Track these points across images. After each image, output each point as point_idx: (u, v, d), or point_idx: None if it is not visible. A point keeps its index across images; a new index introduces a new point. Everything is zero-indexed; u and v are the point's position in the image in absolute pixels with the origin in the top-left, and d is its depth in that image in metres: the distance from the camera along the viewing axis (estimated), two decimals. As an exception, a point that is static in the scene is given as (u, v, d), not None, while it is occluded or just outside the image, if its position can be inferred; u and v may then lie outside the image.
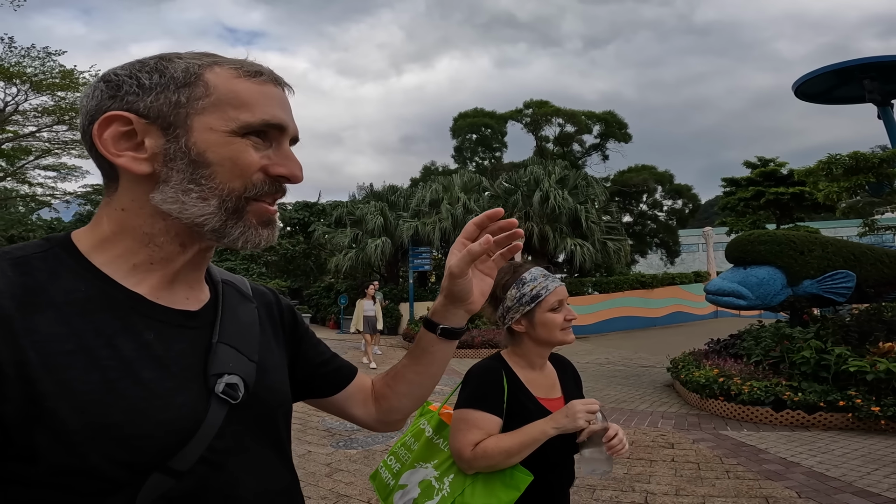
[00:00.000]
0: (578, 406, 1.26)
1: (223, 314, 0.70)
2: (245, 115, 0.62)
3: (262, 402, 0.69)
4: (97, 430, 0.53)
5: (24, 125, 11.29)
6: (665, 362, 8.33)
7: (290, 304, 0.88)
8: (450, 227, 16.99)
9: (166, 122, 0.61)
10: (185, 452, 0.58)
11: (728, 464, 4.30)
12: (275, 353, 0.77)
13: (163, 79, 0.61)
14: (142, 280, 0.63)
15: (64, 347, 0.53)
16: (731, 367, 6.43)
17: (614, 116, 24.97)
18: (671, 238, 26.35)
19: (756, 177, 23.96)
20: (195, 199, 0.61)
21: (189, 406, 0.60)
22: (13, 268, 0.56)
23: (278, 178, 0.65)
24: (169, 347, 0.61)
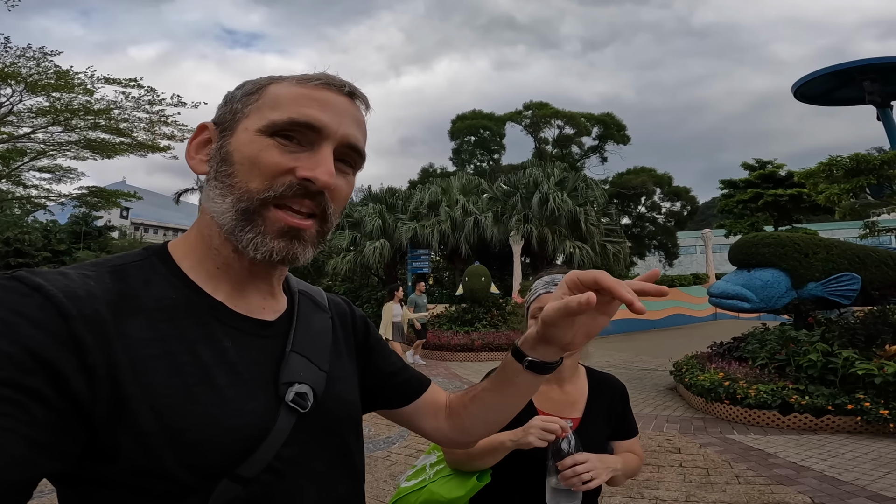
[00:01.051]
0: (536, 422, 1.16)
1: (297, 324, 0.70)
2: (274, 114, 0.63)
3: (330, 411, 0.69)
4: (173, 433, 0.54)
5: (18, 126, 11.19)
6: (667, 365, 8.27)
7: (362, 314, 0.88)
8: (448, 230, 16.91)
9: (224, 127, 0.65)
10: (253, 460, 0.58)
11: (737, 468, 4.23)
12: (346, 363, 0.77)
13: (240, 91, 0.67)
14: (217, 287, 0.65)
15: (150, 352, 0.55)
16: (735, 371, 6.36)
17: (613, 118, 24.97)
18: (670, 240, 26.34)
19: (754, 179, 23.98)
20: (217, 195, 0.63)
21: (259, 414, 0.60)
22: (111, 275, 0.59)
23: (304, 181, 0.62)
24: (243, 355, 0.62)
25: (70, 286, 0.54)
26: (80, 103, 10.85)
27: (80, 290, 0.54)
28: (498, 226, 17.14)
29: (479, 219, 17.12)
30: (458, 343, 11.39)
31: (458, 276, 17.22)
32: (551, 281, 1.36)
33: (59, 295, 0.52)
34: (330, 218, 0.66)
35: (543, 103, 24.03)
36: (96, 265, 0.60)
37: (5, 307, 0.50)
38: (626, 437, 1.41)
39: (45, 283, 0.53)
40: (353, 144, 0.66)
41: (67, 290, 0.53)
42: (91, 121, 11.10)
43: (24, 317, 0.50)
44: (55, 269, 0.58)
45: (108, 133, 11.59)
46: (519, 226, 16.59)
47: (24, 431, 0.47)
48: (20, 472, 0.47)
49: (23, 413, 0.47)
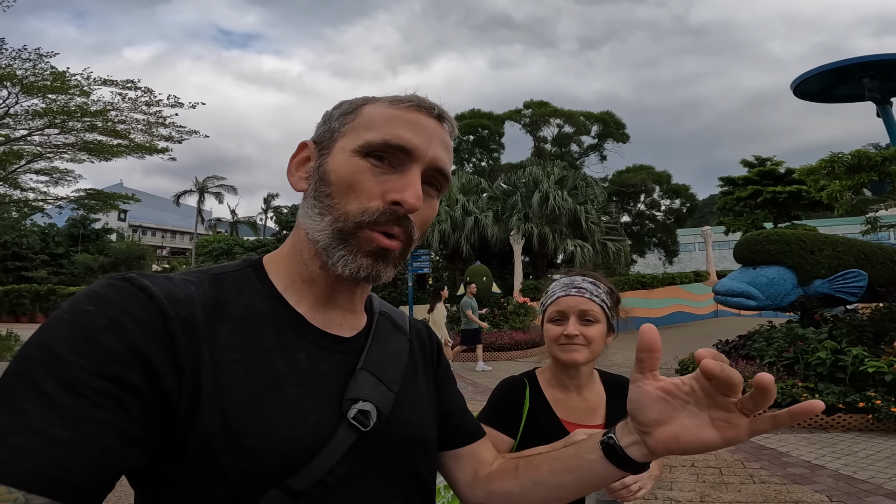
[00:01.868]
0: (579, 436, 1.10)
1: (371, 342, 0.71)
2: (369, 135, 0.64)
3: (395, 433, 0.67)
4: (235, 436, 0.55)
5: (15, 129, 11.05)
6: (672, 363, 8.22)
7: (439, 341, 0.87)
8: (448, 229, 16.88)
9: (323, 146, 0.67)
10: (306, 472, 0.58)
11: (751, 468, 4.19)
12: (421, 387, 0.76)
13: (338, 111, 0.69)
14: (301, 299, 0.66)
15: (232, 356, 0.57)
16: (742, 369, 6.32)
17: (612, 117, 24.96)
18: (669, 238, 26.35)
19: (754, 176, 24.03)
20: (316, 214, 0.65)
21: (319, 427, 0.60)
22: (210, 282, 0.62)
23: (393, 204, 0.63)
24: (315, 368, 0.63)
25: (173, 289, 0.57)
26: (77, 105, 10.73)
27: (181, 294, 0.58)
28: (498, 225, 17.12)
29: (480, 218, 17.09)
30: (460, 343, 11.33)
31: (458, 276, 17.16)
32: (570, 283, 1.31)
33: (162, 297, 0.55)
34: (414, 241, 0.67)
35: (543, 102, 23.99)
36: (200, 273, 0.64)
37: (114, 305, 0.53)
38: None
39: (150, 286, 0.56)
40: (440, 168, 0.67)
41: (170, 293, 0.57)
42: (88, 123, 10.98)
43: (129, 315, 0.53)
44: (163, 273, 0.62)
45: (105, 135, 11.47)
46: (519, 225, 16.57)
47: (119, 424, 0.49)
48: (110, 463, 0.49)
49: (119, 407, 0.49)
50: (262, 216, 33.71)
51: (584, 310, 1.26)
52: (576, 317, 1.26)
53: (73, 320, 0.51)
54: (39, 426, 0.46)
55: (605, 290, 1.31)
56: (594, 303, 1.27)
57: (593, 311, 1.26)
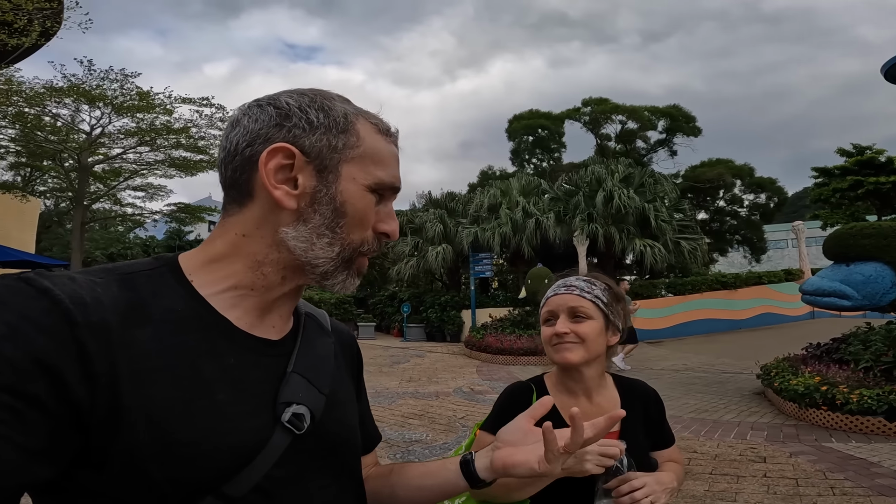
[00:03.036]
0: (591, 447, 1.04)
1: (301, 345, 0.70)
2: (381, 174, 0.66)
3: (328, 434, 0.68)
4: (164, 445, 0.53)
5: (111, 147, 12.42)
6: (753, 368, 7.56)
7: (359, 347, 0.90)
8: (509, 232, 16.65)
9: (322, 165, 0.63)
10: (241, 478, 0.57)
11: (833, 479, 3.73)
12: (347, 388, 0.78)
13: (327, 119, 0.64)
14: (235, 305, 0.64)
15: (152, 364, 0.55)
16: (834, 374, 5.68)
17: (680, 110, 23.47)
18: (755, 234, 24.23)
19: (851, 166, 21.66)
20: (325, 244, 0.64)
21: (253, 432, 0.59)
22: (119, 283, 0.58)
23: (381, 234, 0.68)
24: (246, 373, 0.62)
25: (78, 292, 0.53)
26: (162, 123, 11.88)
27: (88, 297, 0.54)
28: (561, 226, 16.64)
29: (541, 220, 16.71)
30: (521, 347, 11.14)
31: (521, 279, 16.89)
32: (562, 283, 1.25)
33: (67, 300, 0.52)
34: None
35: (602, 99, 23.05)
36: (105, 271, 0.60)
37: (12, 310, 0.49)
38: (665, 445, 1.30)
39: (52, 287, 0.52)
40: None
41: (75, 295, 0.53)
42: (174, 140, 12.13)
43: (29, 321, 0.49)
44: (64, 272, 0.57)
45: (188, 151, 12.60)
46: (583, 225, 15.99)
47: (19, 439, 0.47)
48: (11, 478, 0.47)
49: (19, 420, 0.47)
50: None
51: (573, 306, 1.20)
52: (566, 315, 1.20)
53: None
54: None
55: (602, 287, 1.24)
56: (584, 299, 1.21)
57: (583, 308, 1.20)
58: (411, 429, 5.68)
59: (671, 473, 1.17)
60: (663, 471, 1.19)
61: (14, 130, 11.56)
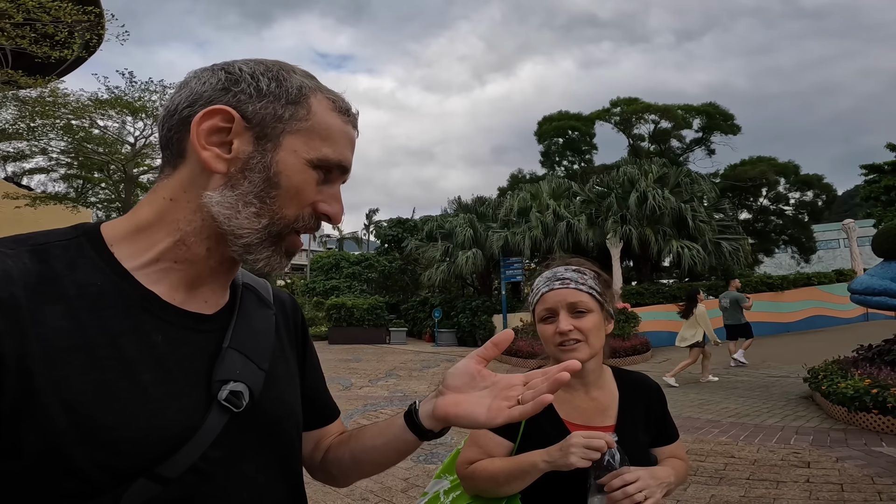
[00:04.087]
0: (576, 440, 0.99)
1: (237, 319, 0.67)
2: (327, 150, 0.63)
3: (267, 412, 0.66)
4: (86, 430, 0.50)
5: (154, 158, 13.03)
6: (800, 371, 7.15)
7: (304, 318, 0.85)
8: (540, 236, 16.45)
9: (262, 132, 0.60)
10: (176, 459, 0.55)
11: (881, 484, 3.46)
12: (288, 364, 0.75)
13: (278, 89, 0.61)
14: (161, 278, 0.61)
15: (67, 343, 0.51)
16: (886, 377, 5.31)
17: (717, 108, 22.62)
18: (803, 234, 23.02)
19: (904, 160, 20.34)
20: (251, 213, 0.60)
21: (186, 412, 0.57)
22: (31, 255, 0.54)
23: (322, 215, 0.65)
24: (175, 350, 0.59)
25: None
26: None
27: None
28: (593, 229, 16.31)
29: (573, 223, 16.44)
30: (553, 350, 10.93)
31: (553, 282, 16.59)
32: (553, 276, 1.21)
33: None
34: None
35: (633, 98, 22.46)
36: (17, 241, 0.56)
37: None
38: (667, 441, 1.25)
39: None
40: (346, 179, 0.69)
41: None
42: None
43: None
44: None
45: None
46: (616, 227, 15.62)
47: None
48: None
49: None
50: (364, 231, 35.75)
51: (573, 302, 1.16)
52: (565, 311, 1.16)
53: None
54: None
55: (592, 275, 1.21)
56: (582, 292, 1.17)
57: (583, 302, 1.16)
58: (437, 430, 5.63)
59: (668, 468, 1.12)
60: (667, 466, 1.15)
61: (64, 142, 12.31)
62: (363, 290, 21.69)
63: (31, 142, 11.97)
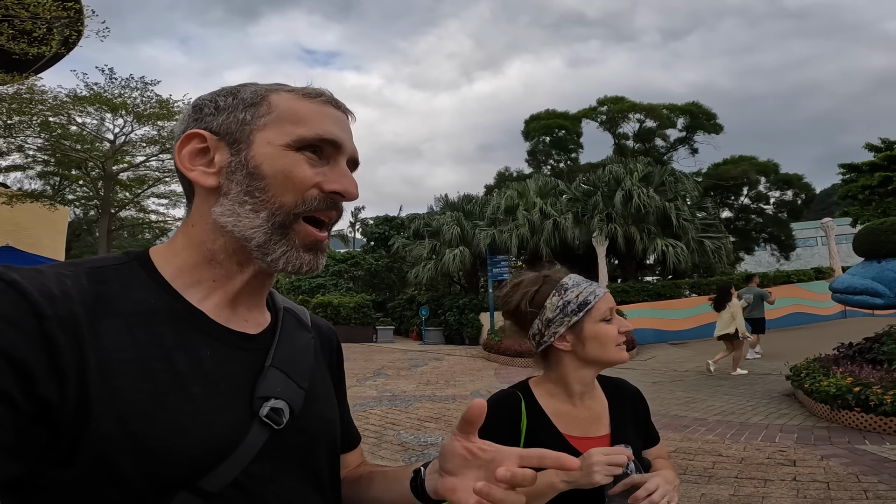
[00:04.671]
0: (597, 457, 0.98)
1: (279, 339, 0.70)
2: (301, 130, 0.64)
3: (306, 430, 0.68)
4: (136, 440, 0.52)
5: (134, 155, 12.74)
6: (782, 369, 7.30)
7: (340, 343, 0.88)
8: (527, 234, 16.52)
9: (233, 138, 0.64)
10: (218, 473, 0.56)
11: (867, 482, 3.54)
12: (326, 384, 0.77)
13: (235, 100, 0.66)
14: (205, 297, 0.64)
15: (122, 356, 0.54)
16: (867, 375, 5.44)
17: (700, 107, 22.95)
18: (783, 232, 23.50)
19: (881, 161, 20.95)
20: (248, 212, 0.63)
21: (231, 426, 0.59)
22: (88, 276, 0.58)
23: (332, 194, 0.65)
24: (222, 367, 0.61)
25: (46, 285, 0.53)
26: (181, 130, 12.16)
27: (56, 290, 0.54)
28: (579, 227, 16.43)
29: (559, 221, 16.54)
30: (540, 348, 10.99)
31: (539, 280, 16.68)
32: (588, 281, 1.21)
33: (35, 293, 0.51)
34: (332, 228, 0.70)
35: (619, 97, 22.69)
36: (75, 265, 0.60)
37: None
38: (653, 444, 1.28)
39: (20, 280, 0.52)
40: (356, 160, 0.71)
41: (43, 288, 0.53)
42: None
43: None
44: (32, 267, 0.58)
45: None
46: (602, 226, 15.76)
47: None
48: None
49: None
50: (350, 229, 35.52)
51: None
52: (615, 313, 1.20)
53: None
54: None
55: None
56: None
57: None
58: (427, 432, 5.62)
59: (669, 471, 1.14)
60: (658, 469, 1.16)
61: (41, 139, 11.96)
62: (349, 288, 21.54)
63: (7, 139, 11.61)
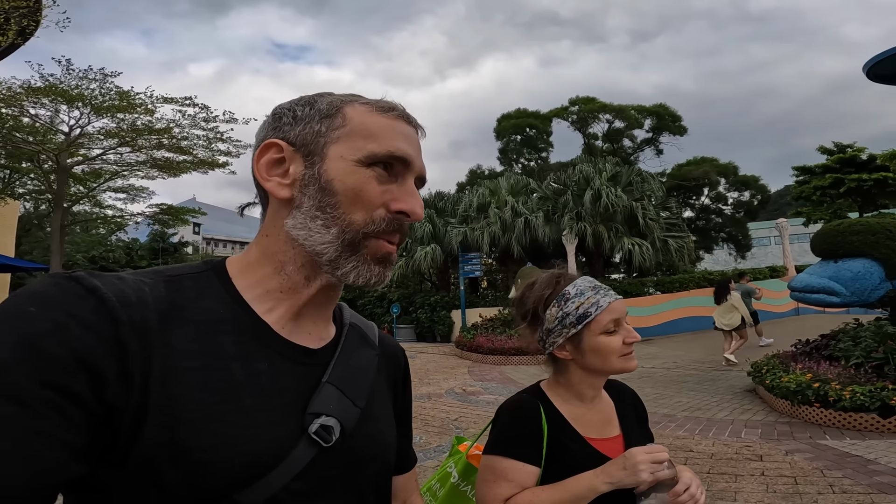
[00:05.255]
0: (641, 456, 0.99)
1: (339, 356, 0.69)
2: (372, 146, 0.64)
3: (356, 450, 0.66)
4: (184, 449, 0.52)
5: (91, 148, 12.07)
6: (744, 365, 7.61)
7: (408, 364, 0.87)
8: (499, 231, 16.64)
9: (308, 150, 0.64)
10: (258, 487, 0.55)
11: (831, 477, 3.73)
12: (385, 404, 0.76)
13: (311, 110, 0.66)
14: (272, 309, 0.64)
15: (186, 364, 0.55)
16: (826, 371, 5.73)
17: (666, 109, 23.68)
18: (740, 232, 24.56)
19: (833, 163, 22.14)
20: (319, 227, 0.63)
21: (278, 441, 0.58)
22: (166, 284, 0.59)
23: (398, 213, 0.65)
24: (278, 380, 0.61)
25: (125, 291, 0.55)
26: (143, 123, 11.59)
27: (133, 296, 0.55)
28: (550, 225, 16.67)
29: (530, 219, 16.73)
30: (513, 346, 11.09)
31: (510, 278, 16.88)
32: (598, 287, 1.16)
33: (113, 299, 0.53)
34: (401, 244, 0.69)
35: (590, 98, 23.16)
36: (155, 273, 0.62)
37: (60, 308, 0.50)
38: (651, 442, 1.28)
39: (101, 286, 0.53)
40: (423, 177, 0.70)
41: (121, 294, 0.54)
42: (155, 140, 11.84)
43: (76, 319, 0.50)
44: (114, 273, 0.59)
45: (171, 152, 12.32)
46: (572, 224, 16.04)
47: (61, 435, 0.47)
48: (51, 475, 0.47)
49: (62, 417, 0.48)
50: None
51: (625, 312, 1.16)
52: (625, 321, 1.15)
53: (15, 323, 0.49)
54: None
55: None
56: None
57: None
58: (405, 433, 5.59)
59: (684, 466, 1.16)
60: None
61: (-9, 131, 11.21)
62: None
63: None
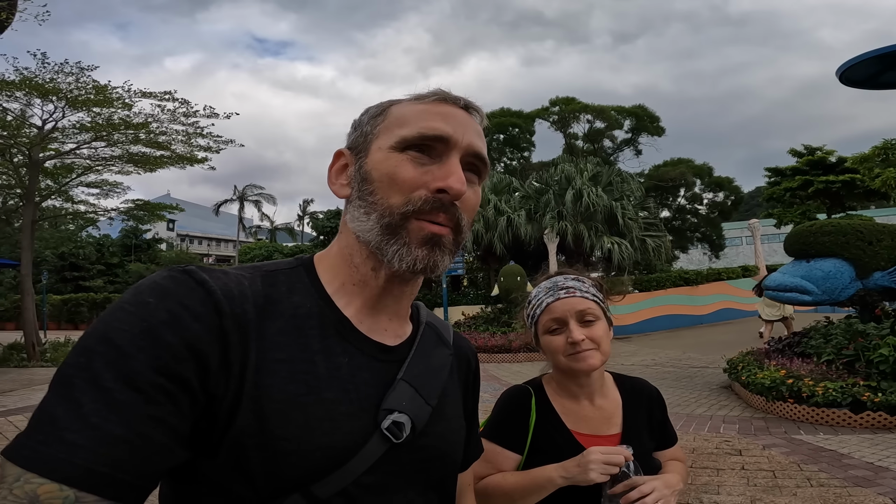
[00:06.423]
0: (595, 455, 1.00)
1: (414, 354, 0.70)
2: (403, 131, 0.65)
3: (426, 448, 0.67)
4: (269, 438, 0.54)
5: (64, 143, 11.62)
6: (720, 362, 7.84)
7: (479, 365, 0.88)
8: (481, 229, 16.75)
9: (358, 150, 0.68)
10: (331, 480, 0.57)
11: (808, 470, 3.89)
12: (456, 403, 0.77)
13: (367, 116, 0.70)
14: (349, 303, 0.66)
15: (276, 356, 0.57)
16: (799, 368, 5.94)
17: (645, 110, 24.17)
18: (714, 232, 25.27)
19: (802, 166, 22.92)
20: (363, 214, 0.65)
21: (352, 436, 0.59)
22: (263, 279, 0.63)
23: (438, 192, 0.64)
24: (356, 375, 0.62)
25: (228, 285, 0.58)
26: (120, 118, 11.19)
27: (235, 290, 0.58)
28: (532, 224, 16.86)
29: (512, 217, 16.89)
30: (496, 344, 11.20)
31: (492, 276, 17.01)
32: (555, 286, 1.18)
33: (219, 292, 0.56)
34: (463, 229, 0.67)
35: (570, 98, 23.49)
36: (254, 268, 0.65)
37: (174, 299, 0.54)
38: (668, 445, 1.27)
39: (209, 280, 0.57)
40: (477, 153, 0.68)
41: (226, 288, 0.57)
42: (132, 135, 11.45)
43: (188, 309, 0.53)
44: (220, 267, 0.64)
45: (148, 147, 11.93)
46: (553, 223, 16.26)
47: (171, 421, 0.50)
48: (160, 461, 0.49)
49: (172, 404, 0.50)
50: (298, 222, 34.47)
51: (582, 310, 1.14)
52: (575, 320, 1.13)
53: (135, 312, 0.52)
54: (96, 421, 0.46)
55: (590, 283, 1.21)
56: (588, 300, 1.15)
57: (591, 310, 1.15)
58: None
59: (676, 475, 1.15)
60: (667, 471, 1.17)
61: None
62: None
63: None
